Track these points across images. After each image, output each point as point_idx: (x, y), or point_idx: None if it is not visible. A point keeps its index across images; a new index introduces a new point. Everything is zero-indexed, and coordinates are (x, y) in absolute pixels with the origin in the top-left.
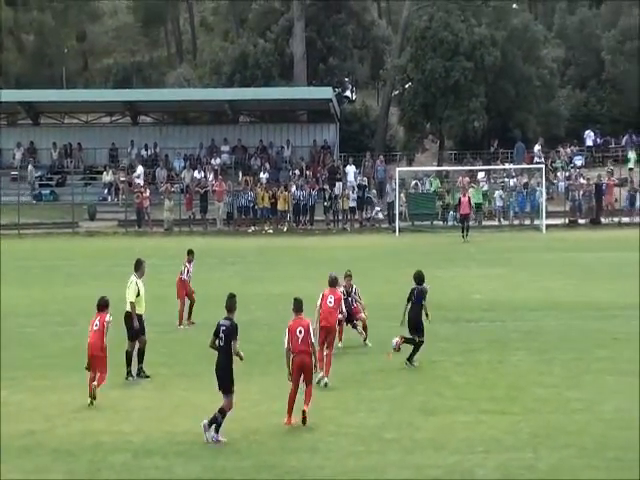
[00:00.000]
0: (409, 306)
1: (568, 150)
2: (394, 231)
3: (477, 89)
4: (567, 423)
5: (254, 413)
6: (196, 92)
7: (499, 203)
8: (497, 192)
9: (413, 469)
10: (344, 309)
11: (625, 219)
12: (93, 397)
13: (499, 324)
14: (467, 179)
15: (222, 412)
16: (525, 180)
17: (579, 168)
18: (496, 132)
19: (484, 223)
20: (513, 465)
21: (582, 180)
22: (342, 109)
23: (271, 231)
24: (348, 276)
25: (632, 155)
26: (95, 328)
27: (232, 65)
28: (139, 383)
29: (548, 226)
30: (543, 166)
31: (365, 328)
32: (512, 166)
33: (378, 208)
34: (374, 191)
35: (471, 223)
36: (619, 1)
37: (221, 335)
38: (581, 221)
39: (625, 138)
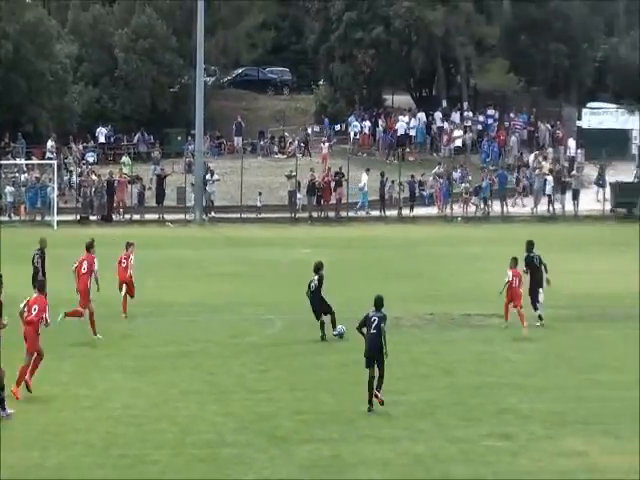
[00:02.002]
0: None
1: (80, 146)
2: None
3: None
4: (76, 420)
5: None
6: None
7: (10, 199)
8: (8, 187)
9: None
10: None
11: (136, 216)
12: None
13: None
14: None
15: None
16: (37, 175)
17: (91, 164)
18: (8, 127)
19: None
20: (22, 465)
21: (94, 176)
22: None
23: None
24: None
25: (126, 159)
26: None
27: None
28: None
29: (60, 222)
30: (55, 162)
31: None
32: (24, 161)
33: None
34: None
35: None
36: (132, 1)
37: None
38: (93, 217)
39: (137, 136)
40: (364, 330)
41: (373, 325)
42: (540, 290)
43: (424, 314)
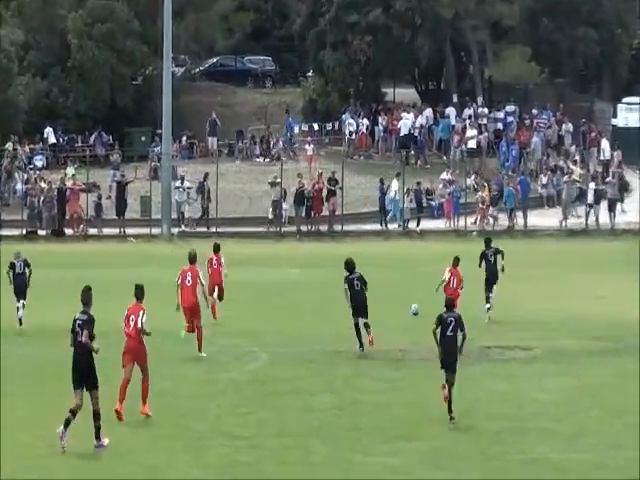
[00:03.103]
0: None
1: (27, 148)
2: None
3: None
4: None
5: None
6: None
7: None
8: None
9: None
10: None
11: (92, 230)
12: None
13: None
14: None
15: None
16: None
17: (39, 170)
18: None
19: None
20: None
21: (43, 184)
22: None
23: None
24: None
25: (70, 169)
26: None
27: None
28: None
29: (3, 237)
30: None
31: None
32: None
33: None
34: None
35: None
36: None
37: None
38: (41, 232)
39: (94, 136)
40: (437, 333)
41: (450, 328)
42: (494, 287)
43: (434, 346)
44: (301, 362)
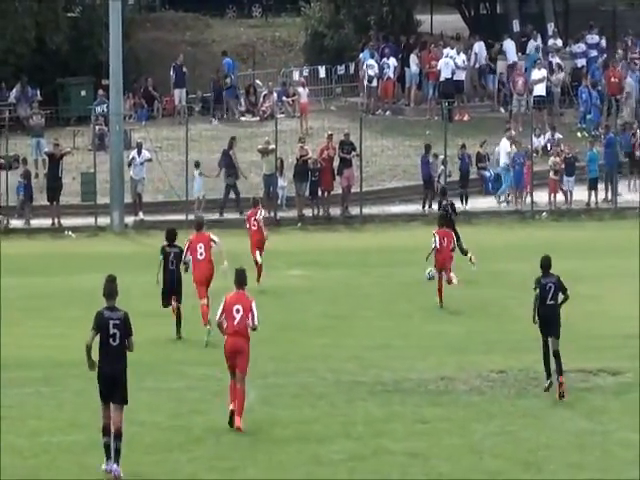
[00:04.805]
0: None
1: None
2: None
3: None
4: None
5: None
6: None
7: None
8: None
9: None
10: None
11: (16, 222)
12: None
13: None
14: None
15: None
16: None
17: None
18: None
19: None
20: None
21: None
22: None
23: None
24: None
25: None
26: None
27: None
28: None
29: None
30: None
31: None
32: None
33: None
34: None
35: None
36: None
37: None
38: None
39: (15, 89)
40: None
41: (550, 295)
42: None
43: (490, 372)
44: (307, 398)
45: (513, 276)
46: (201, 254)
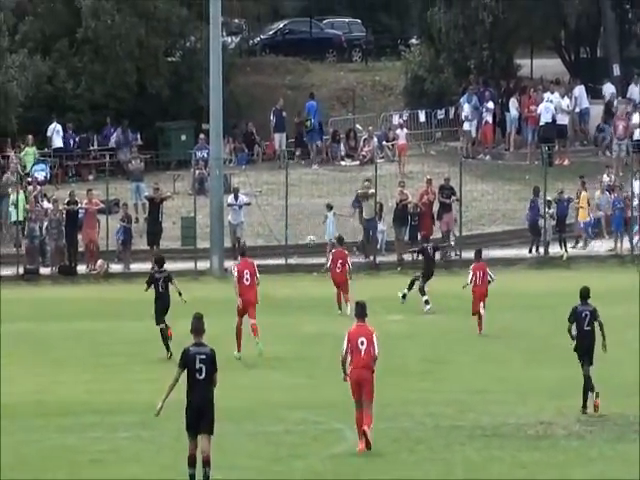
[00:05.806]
0: None
1: (24, 154)
2: None
3: None
4: None
5: None
6: None
7: None
8: None
9: None
10: None
11: (116, 267)
12: None
13: None
14: None
15: None
16: None
17: (41, 184)
18: None
19: None
20: None
21: (46, 203)
22: None
23: None
24: None
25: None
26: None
27: None
28: None
29: None
30: None
31: None
32: None
33: None
34: None
35: None
36: None
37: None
38: (45, 270)
39: (115, 136)
40: (573, 329)
41: (586, 322)
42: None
43: (588, 417)
44: (405, 442)
45: (613, 321)
46: (247, 279)
